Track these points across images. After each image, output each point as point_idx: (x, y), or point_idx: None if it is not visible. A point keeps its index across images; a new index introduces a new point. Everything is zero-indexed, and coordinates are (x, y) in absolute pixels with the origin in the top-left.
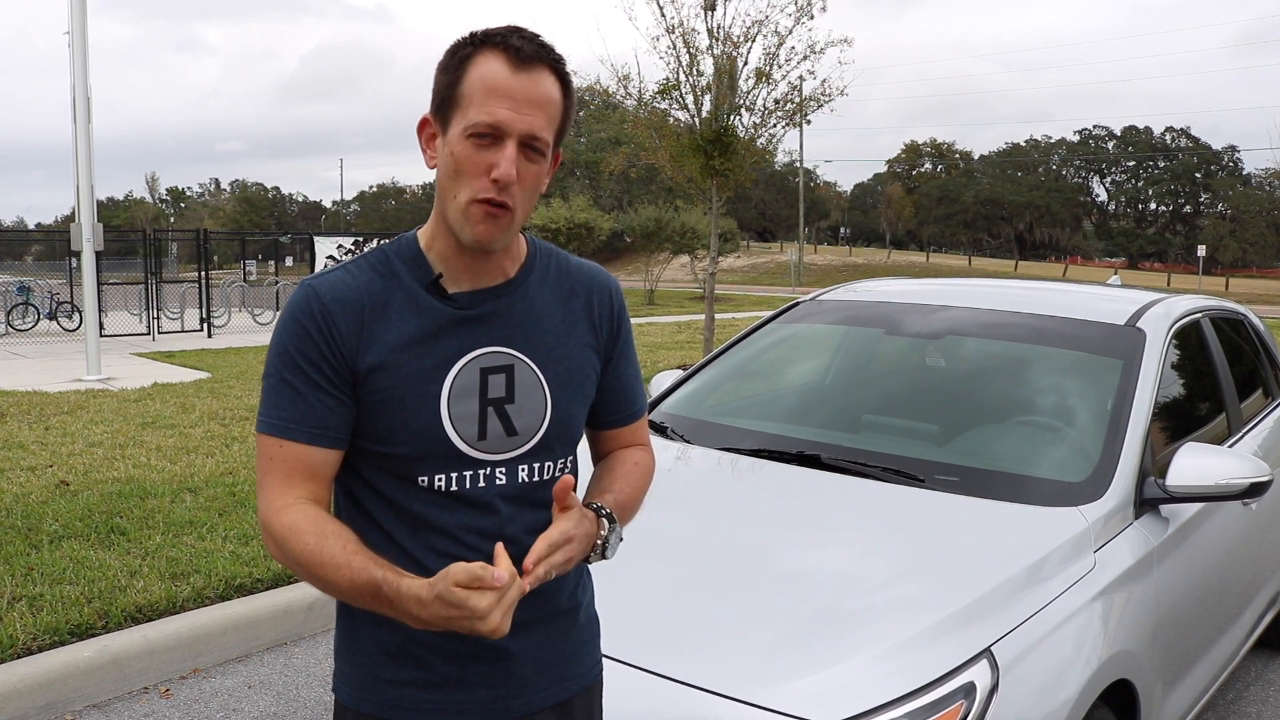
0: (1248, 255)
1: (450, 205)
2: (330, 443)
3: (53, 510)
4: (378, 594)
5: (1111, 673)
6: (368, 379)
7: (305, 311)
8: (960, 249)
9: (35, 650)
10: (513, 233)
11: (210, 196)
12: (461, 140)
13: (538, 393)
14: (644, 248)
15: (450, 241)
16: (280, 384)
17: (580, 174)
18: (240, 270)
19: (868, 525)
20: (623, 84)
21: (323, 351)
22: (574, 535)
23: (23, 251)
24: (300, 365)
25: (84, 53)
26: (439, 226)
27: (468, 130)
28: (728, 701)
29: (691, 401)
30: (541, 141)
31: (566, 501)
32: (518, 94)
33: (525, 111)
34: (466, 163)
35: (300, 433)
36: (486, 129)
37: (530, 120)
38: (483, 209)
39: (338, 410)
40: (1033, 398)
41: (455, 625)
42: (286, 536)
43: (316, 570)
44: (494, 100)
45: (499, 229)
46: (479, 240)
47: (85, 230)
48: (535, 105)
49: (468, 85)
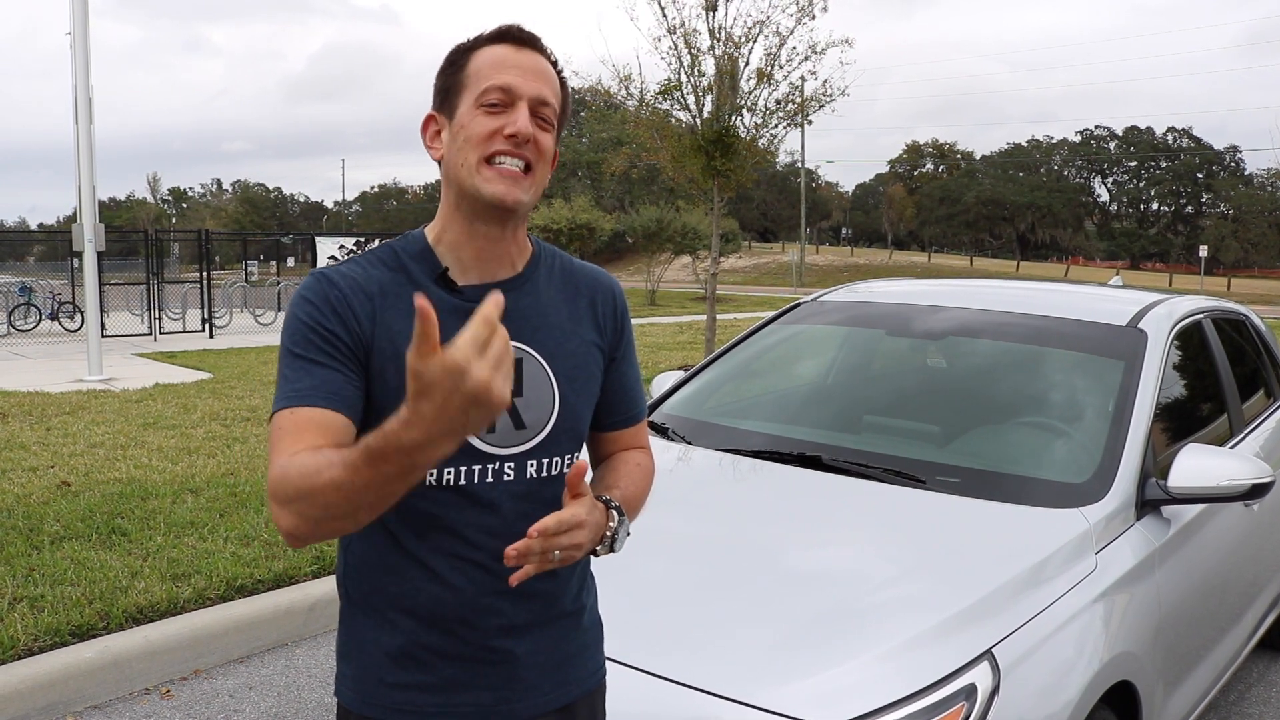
0: (1250, 256)
1: (463, 173)
2: (341, 407)
3: (54, 511)
4: (369, 453)
5: (1113, 674)
6: (377, 367)
7: (318, 292)
8: (962, 249)
9: (36, 651)
10: (532, 197)
11: (212, 197)
12: (473, 112)
13: (546, 386)
14: (645, 248)
15: (459, 233)
16: (293, 360)
17: (582, 174)
18: (242, 271)
19: (869, 526)
20: (624, 84)
21: (334, 326)
22: (585, 521)
23: (25, 252)
24: (313, 340)
25: (85, 53)
26: (448, 219)
27: (479, 100)
28: (728, 703)
29: (693, 402)
30: (549, 109)
31: (579, 488)
32: (523, 65)
33: (532, 79)
34: (481, 127)
35: (311, 399)
36: (498, 92)
37: (538, 86)
38: (497, 169)
39: (350, 384)
40: (1034, 399)
41: (450, 416)
42: (287, 473)
43: (312, 480)
44: (502, 70)
45: (519, 186)
46: (498, 197)
47: (87, 230)
48: (540, 76)
49: (473, 69)
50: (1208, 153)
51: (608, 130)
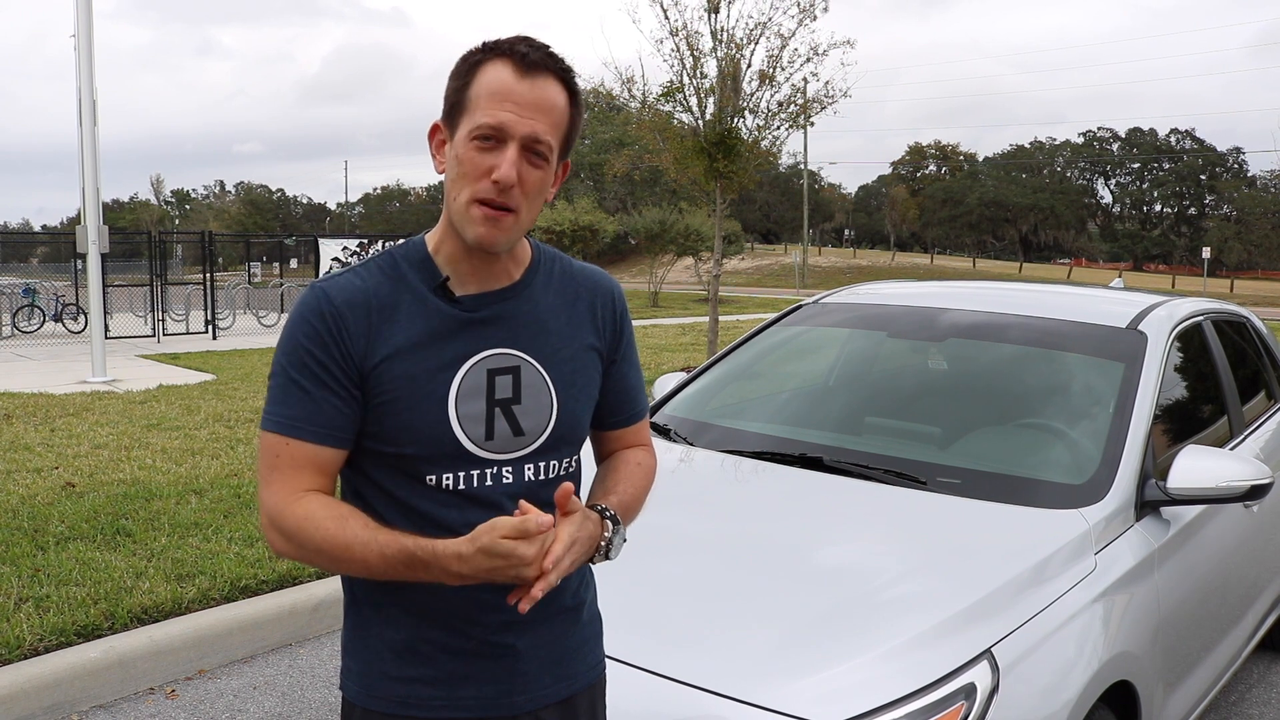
0: (1253, 257)
1: (454, 206)
2: (337, 443)
3: (59, 512)
4: (411, 560)
5: (1112, 674)
6: (376, 380)
7: (315, 312)
8: (965, 251)
9: (42, 651)
10: (516, 235)
11: (215, 198)
12: (466, 143)
13: (544, 394)
14: (648, 250)
15: (457, 245)
16: (288, 383)
17: (584, 176)
18: (245, 272)
19: (870, 527)
20: (627, 86)
21: (332, 352)
22: (578, 538)
23: (28, 253)
24: (309, 365)
25: (89, 55)
26: (447, 230)
27: (472, 133)
28: (728, 701)
29: (695, 403)
30: (544, 145)
31: (568, 507)
32: (521, 98)
33: (528, 115)
34: (469, 164)
35: (308, 432)
36: (490, 131)
37: (533, 124)
38: (483, 211)
39: (345, 411)
40: (1035, 400)
41: (498, 575)
42: (303, 525)
43: (342, 552)
44: (498, 104)
45: (500, 230)
46: (480, 241)
47: (91, 232)
48: (539, 110)
49: (475, 91)
50: (1211, 154)
51: (610, 132)
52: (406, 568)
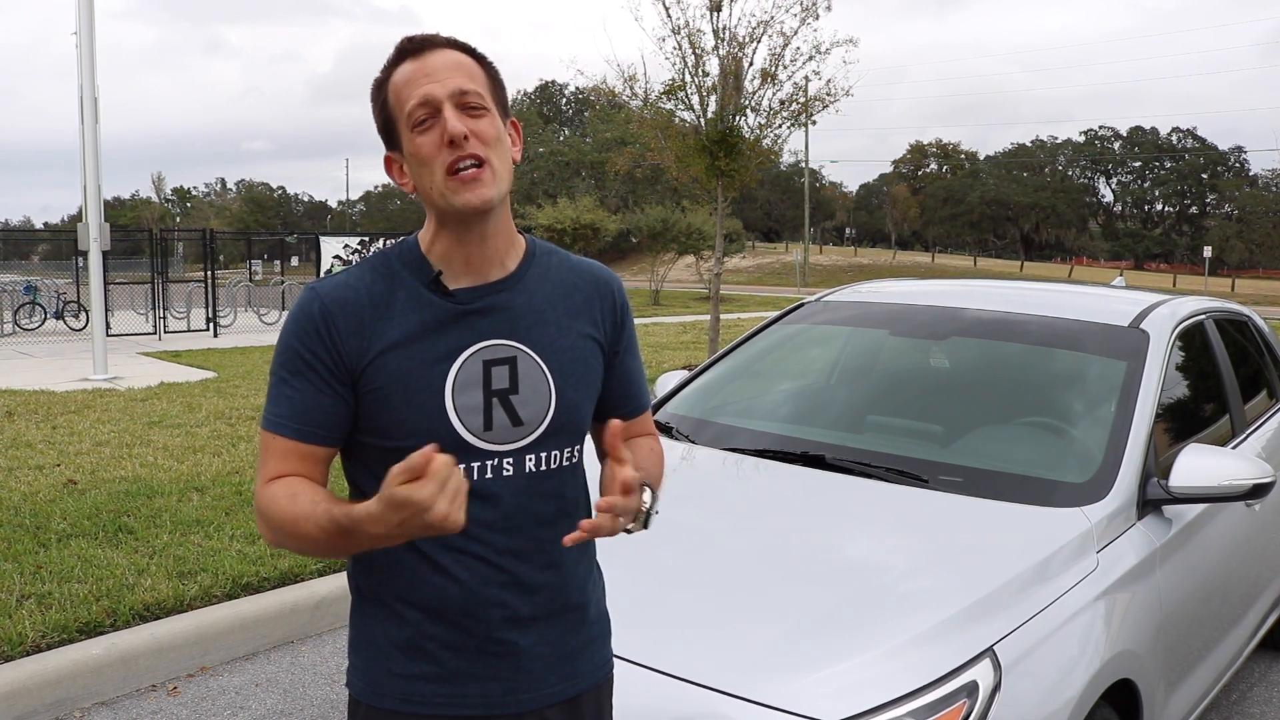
0: (1254, 256)
1: (433, 194)
2: (322, 441)
3: (60, 509)
4: (339, 528)
5: (1114, 672)
6: (372, 375)
7: (306, 313)
8: (966, 250)
9: (44, 648)
10: (501, 187)
11: (216, 196)
12: (412, 138)
13: (542, 383)
14: (650, 248)
15: (450, 240)
16: (280, 383)
17: (586, 174)
18: (246, 270)
19: (872, 525)
20: (629, 84)
21: (320, 353)
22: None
23: (30, 251)
24: (299, 365)
25: (91, 54)
26: (437, 227)
27: (410, 125)
28: (730, 698)
29: (696, 402)
30: (473, 94)
31: (620, 453)
32: (430, 69)
33: (443, 76)
34: (424, 149)
35: (293, 429)
36: (422, 111)
37: (451, 81)
38: (457, 177)
39: (334, 409)
40: (1036, 399)
41: (411, 528)
42: (267, 506)
43: (293, 528)
44: (414, 86)
45: (482, 185)
46: (469, 204)
47: (92, 230)
48: (449, 69)
49: (392, 98)
50: (1212, 153)
51: (612, 130)
52: (341, 538)
